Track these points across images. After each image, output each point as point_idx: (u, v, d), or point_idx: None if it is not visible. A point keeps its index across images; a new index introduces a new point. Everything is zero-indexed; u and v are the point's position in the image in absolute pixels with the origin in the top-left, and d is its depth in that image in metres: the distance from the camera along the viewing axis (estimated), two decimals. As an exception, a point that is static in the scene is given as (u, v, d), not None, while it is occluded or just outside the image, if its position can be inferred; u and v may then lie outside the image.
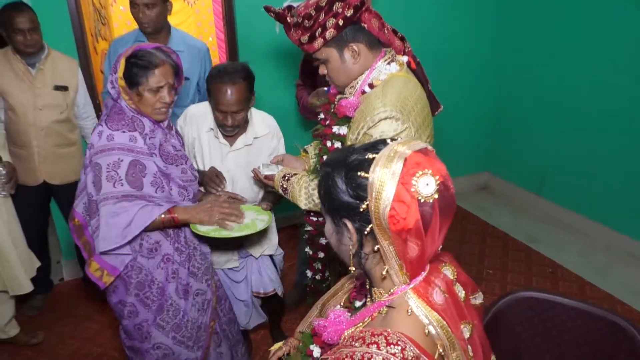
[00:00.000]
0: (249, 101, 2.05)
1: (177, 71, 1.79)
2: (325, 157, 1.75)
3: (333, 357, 0.96)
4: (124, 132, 1.71)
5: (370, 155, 0.92)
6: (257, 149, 2.17)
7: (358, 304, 1.13)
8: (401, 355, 0.87)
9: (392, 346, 0.88)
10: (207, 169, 2.14)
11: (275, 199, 2.14)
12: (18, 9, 2.44)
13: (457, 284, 1.07)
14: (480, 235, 3.82)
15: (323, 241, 1.93)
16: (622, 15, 3.23)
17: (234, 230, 1.86)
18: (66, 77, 2.66)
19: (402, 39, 1.73)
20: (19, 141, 2.63)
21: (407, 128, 1.54)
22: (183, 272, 1.90)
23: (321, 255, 2.00)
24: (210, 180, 2.06)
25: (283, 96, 3.45)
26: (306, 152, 2.07)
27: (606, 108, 3.43)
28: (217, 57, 4.83)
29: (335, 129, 1.73)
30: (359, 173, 0.91)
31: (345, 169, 0.94)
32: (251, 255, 2.26)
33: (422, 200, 0.88)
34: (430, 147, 0.95)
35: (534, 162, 4.07)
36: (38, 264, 2.65)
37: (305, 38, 1.60)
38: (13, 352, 2.71)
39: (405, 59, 1.71)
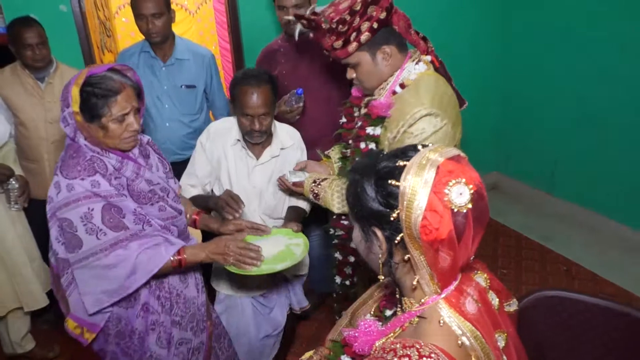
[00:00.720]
0: (274, 106, 1.99)
1: (139, 92, 1.60)
2: (357, 160, 1.75)
3: None
4: (82, 179, 1.49)
5: (401, 163, 0.90)
6: (282, 161, 2.11)
7: (388, 312, 1.12)
8: None
9: (424, 359, 0.85)
10: (233, 186, 2.06)
11: (299, 216, 2.08)
12: (26, 24, 2.44)
13: (490, 291, 1.05)
14: (493, 235, 3.79)
15: (354, 245, 1.91)
16: (629, 3, 3.18)
17: (275, 262, 1.73)
18: (75, 90, 2.67)
19: (425, 39, 1.77)
20: (30, 155, 2.63)
21: (445, 124, 1.59)
22: (167, 321, 1.74)
23: (352, 259, 1.98)
24: (226, 204, 1.88)
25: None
26: (328, 157, 2.07)
27: (614, 102, 3.40)
28: (221, 65, 4.83)
29: (369, 130, 1.73)
30: (389, 181, 0.89)
31: (375, 177, 0.92)
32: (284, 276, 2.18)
33: (456, 210, 0.85)
34: (462, 154, 0.93)
35: (543, 160, 4.03)
36: (53, 277, 2.65)
37: (339, 43, 1.61)
38: (30, 366, 2.71)
39: (429, 58, 1.75)
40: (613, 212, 3.59)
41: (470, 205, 0.86)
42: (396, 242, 0.91)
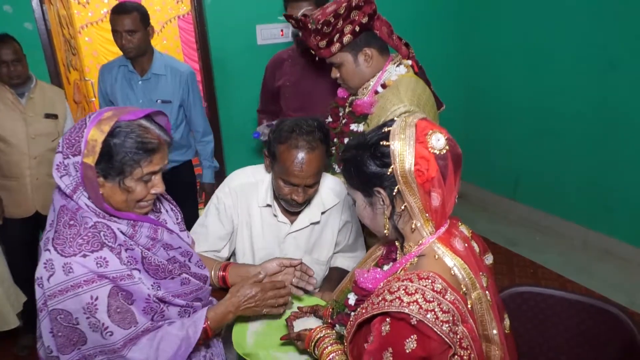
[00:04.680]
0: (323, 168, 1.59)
1: (169, 145, 1.29)
2: (346, 143, 1.87)
3: (371, 295, 1.09)
4: (84, 255, 1.14)
5: (386, 129, 1.11)
6: (322, 226, 1.73)
7: (386, 267, 1.25)
8: (431, 287, 1.02)
9: (423, 280, 1.04)
10: (256, 254, 1.70)
11: (340, 279, 1.70)
12: (1, 41, 2.44)
13: (472, 240, 1.23)
14: (461, 242, 3.89)
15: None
16: (581, 20, 3.39)
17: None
18: (56, 105, 2.67)
19: (407, 45, 1.92)
20: (9, 172, 2.58)
21: None
22: None
23: None
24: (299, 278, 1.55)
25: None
26: None
27: (570, 114, 3.59)
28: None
29: (353, 126, 1.87)
30: (381, 143, 1.09)
31: (367, 146, 1.12)
32: None
33: (438, 154, 1.06)
34: (428, 117, 1.15)
35: (507, 167, 4.21)
36: (24, 298, 2.58)
37: (323, 43, 1.75)
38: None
39: (409, 62, 1.89)
40: (575, 215, 3.76)
41: (447, 148, 1.07)
42: (394, 193, 1.10)
